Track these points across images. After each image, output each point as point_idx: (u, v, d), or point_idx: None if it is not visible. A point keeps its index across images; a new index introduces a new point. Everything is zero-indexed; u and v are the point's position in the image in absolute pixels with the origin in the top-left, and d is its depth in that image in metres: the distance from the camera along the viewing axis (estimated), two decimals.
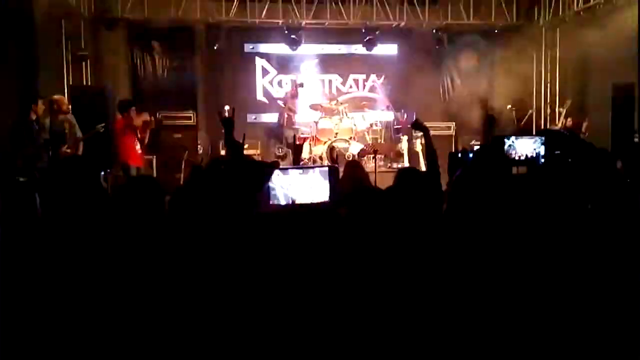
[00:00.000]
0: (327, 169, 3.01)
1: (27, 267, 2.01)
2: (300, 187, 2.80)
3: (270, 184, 2.66)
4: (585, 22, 8.98)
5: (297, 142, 9.11)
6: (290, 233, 2.29)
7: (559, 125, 8.86)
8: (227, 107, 8.97)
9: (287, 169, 2.89)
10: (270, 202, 2.69)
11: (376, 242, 2.04)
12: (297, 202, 2.78)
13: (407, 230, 2.34)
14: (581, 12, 9.15)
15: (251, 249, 2.09)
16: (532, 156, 2.97)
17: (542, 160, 2.90)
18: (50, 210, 2.27)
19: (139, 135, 7.35)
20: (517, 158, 2.98)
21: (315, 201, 2.82)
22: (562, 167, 2.53)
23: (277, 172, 2.77)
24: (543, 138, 3.03)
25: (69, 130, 6.48)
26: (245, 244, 2.08)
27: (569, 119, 8.80)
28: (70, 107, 6.77)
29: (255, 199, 2.26)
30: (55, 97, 6.67)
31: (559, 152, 2.66)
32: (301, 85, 9.92)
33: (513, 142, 3.06)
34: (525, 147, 3.02)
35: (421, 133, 3.52)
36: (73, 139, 6.50)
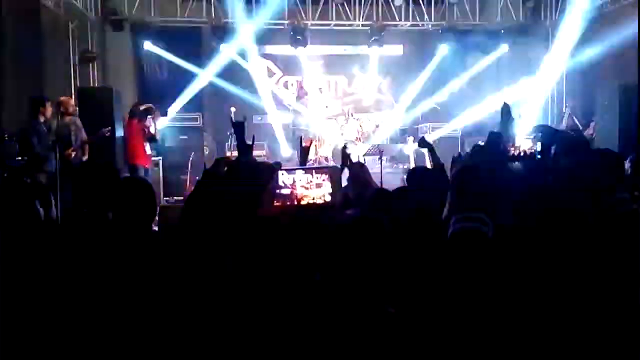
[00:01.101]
0: (329, 169, 3.01)
1: (31, 269, 2.03)
2: (304, 187, 2.81)
3: (275, 184, 2.67)
4: (592, 22, 8.93)
5: (304, 144, 9.08)
6: (295, 232, 2.30)
7: (564, 124, 8.79)
8: (233, 109, 9.05)
9: (291, 169, 2.89)
10: (275, 202, 2.69)
11: (383, 242, 2.04)
12: (302, 202, 2.78)
13: (415, 230, 2.34)
14: (588, 12, 9.09)
15: (255, 249, 2.09)
16: (530, 152, 2.97)
17: (539, 156, 2.91)
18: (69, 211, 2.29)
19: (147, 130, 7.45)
20: (515, 154, 2.98)
21: (319, 201, 2.82)
22: (556, 164, 2.54)
23: (281, 172, 2.77)
24: (540, 134, 3.03)
25: (75, 133, 6.51)
26: (249, 244, 2.08)
27: (575, 119, 8.74)
28: (77, 109, 6.80)
29: (258, 200, 2.26)
30: (62, 98, 6.70)
31: (554, 147, 2.66)
32: (319, 90, 9.97)
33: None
34: (522, 143, 3.03)
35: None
36: (79, 141, 6.53)
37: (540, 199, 1.75)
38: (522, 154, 2.98)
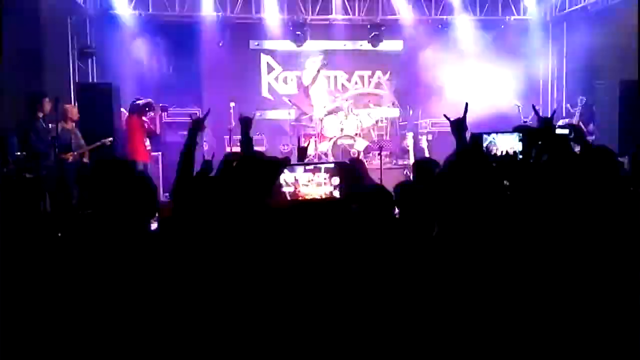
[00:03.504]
0: (337, 165, 3.01)
1: (30, 264, 2.02)
2: (306, 183, 2.81)
3: (277, 182, 2.67)
4: (593, 18, 8.90)
5: (301, 144, 9.04)
6: (300, 227, 2.30)
7: (575, 122, 8.70)
8: (232, 104, 9.04)
9: (292, 167, 2.89)
10: (279, 198, 2.69)
11: (387, 238, 2.04)
12: (306, 198, 2.78)
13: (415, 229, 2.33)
14: (589, 7, 9.07)
15: (262, 244, 2.09)
16: (513, 152, 3.01)
17: (520, 156, 2.95)
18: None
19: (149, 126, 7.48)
20: (498, 154, 3.01)
21: (323, 197, 2.82)
22: (539, 163, 2.55)
23: (285, 170, 2.77)
24: (521, 134, 3.06)
25: (75, 141, 6.54)
26: (256, 239, 2.08)
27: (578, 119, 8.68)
28: (79, 116, 6.80)
29: (266, 195, 2.27)
30: (67, 106, 6.77)
31: (536, 147, 2.70)
32: (325, 63, 9.94)
33: (494, 138, 3.10)
34: (505, 143, 3.06)
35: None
36: (78, 148, 6.54)
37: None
38: (504, 153, 2.99)
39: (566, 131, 4.74)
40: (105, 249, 1.99)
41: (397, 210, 2.61)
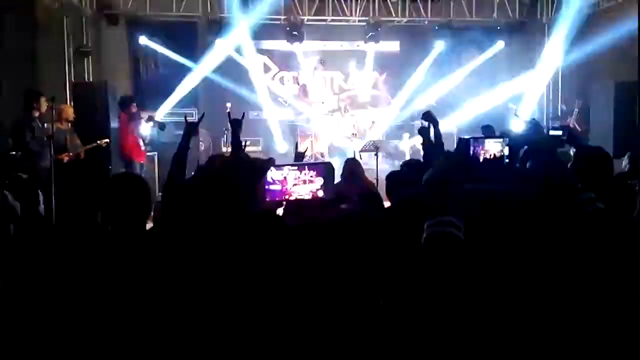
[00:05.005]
0: (322, 165, 3.03)
1: (27, 263, 2.02)
2: (294, 183, 2.82)
3: (267, 180, 2.69)
4: (588, 19, 8.93)
5: (299, 150, 9.02)
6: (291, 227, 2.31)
7: (571, 124, 8.72)
8: (228, 104, 9.03)
9: (280, 165, 2.90)
10: (267, 199, 2.71)
11: (380, 239, 2.05)
12: (292, 197, 2.79)
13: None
14: (584, 9, 9.10)
15: (248, 246, 2.09)
16: (499, 156, 3.08)
17: (507, 160, 3.02)
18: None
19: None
20: (487, 158, 3.08)
21: (310, 197, 2.83)
22: (524, 168, 2.59)
23: (272, 168, 2.79)
24: (507, 139, 3.13)
25: (70, 141, 6.51)
26: (242, 240, 2.08)
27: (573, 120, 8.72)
28: (74, 117, 6.77)
29: (251, 196, 2.28)
30: (63, 106, 6.75)
31: (522, 151, 2.76)
32: (323, 62, 9.92)
33: (481, 142, 3.19)
34: (492, 147, 3.13)
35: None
36: (73, 148, 6.52)
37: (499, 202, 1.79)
38: (491, 157, 3.06)
39: (559, 133, 4.76)
40: (101, 248, 2.00)
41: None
